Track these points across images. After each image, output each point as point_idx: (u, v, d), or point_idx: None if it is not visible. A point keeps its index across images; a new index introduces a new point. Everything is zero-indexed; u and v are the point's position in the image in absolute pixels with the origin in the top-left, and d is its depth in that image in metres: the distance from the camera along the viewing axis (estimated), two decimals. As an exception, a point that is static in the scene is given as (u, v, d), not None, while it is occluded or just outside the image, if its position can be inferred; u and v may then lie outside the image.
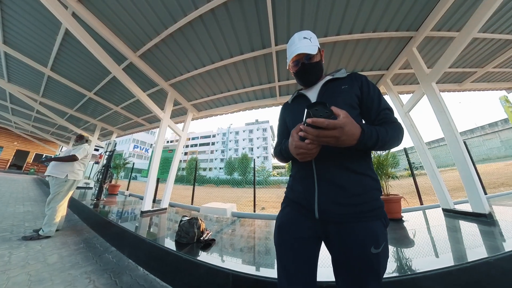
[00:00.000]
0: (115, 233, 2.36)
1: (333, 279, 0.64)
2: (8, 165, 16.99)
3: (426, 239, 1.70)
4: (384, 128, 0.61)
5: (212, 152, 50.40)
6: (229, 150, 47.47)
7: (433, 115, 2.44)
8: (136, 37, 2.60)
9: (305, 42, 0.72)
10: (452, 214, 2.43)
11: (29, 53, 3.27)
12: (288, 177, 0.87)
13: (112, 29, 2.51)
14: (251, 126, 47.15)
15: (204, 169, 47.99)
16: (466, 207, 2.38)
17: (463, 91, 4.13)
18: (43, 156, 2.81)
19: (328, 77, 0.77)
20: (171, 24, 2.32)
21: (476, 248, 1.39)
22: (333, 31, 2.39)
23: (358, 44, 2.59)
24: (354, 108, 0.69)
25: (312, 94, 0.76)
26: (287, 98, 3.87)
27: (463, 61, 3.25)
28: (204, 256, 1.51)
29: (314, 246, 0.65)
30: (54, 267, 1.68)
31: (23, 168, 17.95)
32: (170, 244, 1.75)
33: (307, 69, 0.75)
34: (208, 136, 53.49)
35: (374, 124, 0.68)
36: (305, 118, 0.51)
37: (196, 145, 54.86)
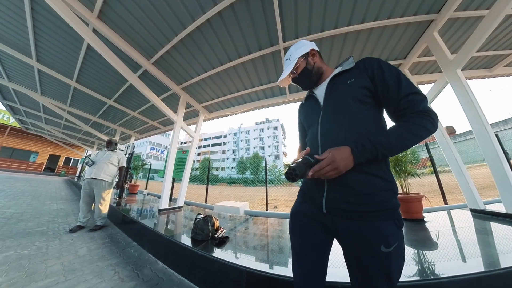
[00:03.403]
0: (136, 229, 2.52)
1: (347, 279, 0.63)
2: (43, 168, 18.91)
3: (451, 242, 1.57)
4: (396, 127, 0.58)
5: (224, 152, 51.31)
6: (241, 149, 47.94)
7: (458, 106, 2.24)
8: (149, 46, 2.74)
9: (286, 64, 0.81)
10: (481, 215, 2.22)
11: (58, 68, 3.62)
12: None
13: (128, 40, 2.68)
14: (262, 125, 47.11)
15: (217, 169, 49.03)
16: (499, 208, 2.16)
17: (494, 77, 3.73)
18: (86, 158, 3.13)
19: (337, 70, 0.75)
20: (180, 30, 2.41)
21: (511, 253, 1.26)
22: (344, 22, 2.28)
23: (372, 33, 2.44)
24: (364, 103, 0.65)
25: (320, 93, 0.76)
26: (297, 96, 3.84)
27: (494, 43, 2.92)
28: (218, 253, 1.55)
29: (322, 236, 0.66)
30: (84, 259, 1.85)
31: (55, 171, 19.85)
32: (186, 240, 1.82)
33: (297, 80, 0.82)
34: (220, 137, 54.53)
35: (395, 116, 0.63)
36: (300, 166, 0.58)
37: (208, 145, 56.23)
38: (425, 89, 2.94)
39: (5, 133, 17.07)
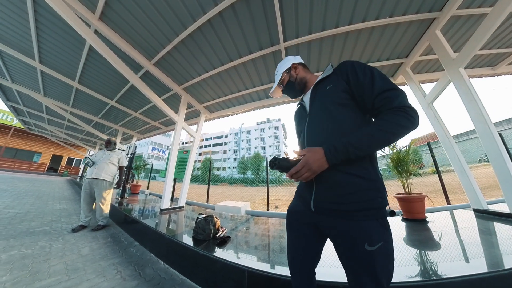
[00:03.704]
0: (138, 229, 2.53)
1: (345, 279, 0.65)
2: (46, 168, 19.08)
3: (454, 242, 1.55)
4: (370, 125, 0.59)
5: (225, 152, 51.37)
6: (242, 149, 47.96)
7: (461, 105, 2.22)
8: (151, 46, 2.75)
9: (275, 79, 0.93)
10: (485, 215, 2.20)
11: (60, 69, 3.65)
12: None
13: (129, 41, 2.69)
14: (263, 125, 47.09)
15: (218, 169, 49.12)
16: (502, 208, 2.14)
17: (497, 76, 3.69)
18: (86, 158, 3.15)
19: (319, 77, 0.80)
20: (181, 31, 2.41)
21: (515, 253, 1.24)
22: (345, 21, 2.28)
23: (373, 32, 2.43)
24: (345, 105, 0.68)
25: (307, 100, 0.82)
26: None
27: (497, 41, 2.88)
28: (220, 253, 1.55)
29: (313, 233, 0.71)
30: (86, 258, 1.87)
31: (58, 171, 20.02)
32: (187, 240, 1.83)
33: (285, 91, 0.94)
34: (221, 137, 54.60)
35: (374, 116, 0.64)
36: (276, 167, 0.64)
37: (209, 145, 56.34)
38: (427, 88, 2.93)
39: (8, 134, 17.25)
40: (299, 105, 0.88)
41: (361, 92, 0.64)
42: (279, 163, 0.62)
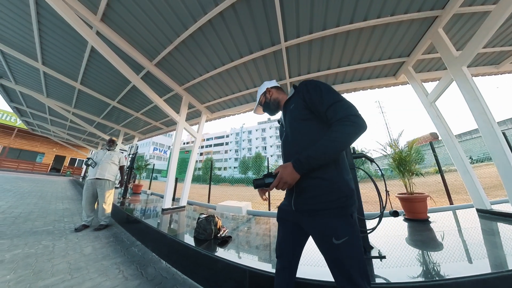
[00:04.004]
0: (140, 228, 2.55)
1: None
2: (49, 168, 19.26)
3: (457, 242, 1.54)
4: (324, 137, 0.68)
5: (226, 152, 51.43)
6: (243, 149, 47.97)
7: (464, 104, 2.20)
8: (152, 47, 2.76)
9: (257, 100, 1.12)
10: (488, 216, 2.17)
11: (63, 70, 3.68)
12: None
13: (131, 42, 2.70)
14: (264, 125, 47.04)
15: (219, 169, 49.18)
16: (506, 208, 2.12)
17: (501, 74, 3.64)
18: (89, 159, 3.15)
19: (287, 98, 0.97)
20: (182, 32, 2.42)
21: (519, 253, 1.22)
22: (346, 20, 2.27)
23: (375, 30, 2.42)
24: (307, 120, 0.79)
25: (282, 118, 0.99)
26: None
27: (500, 39, 2.85)
28: (221, 252, 1.56)
29: (297, 228, 0.83)
30: (89, 258, 1.88)
31: (61, 171, 20.20)
32: (189, 240, 1.84)
33: (264, 110, 1.12)
34: (222, 137, 54.67)
35: (329, 124, 0.74)
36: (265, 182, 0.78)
37: (210, 145, 56.44)
38: (429, 87, 2.91)
39: (12, 135, 17.45)
40: (280, 123, 1.03)
41: (315, 108, 0.76)
42: (257, 183, 0.78)
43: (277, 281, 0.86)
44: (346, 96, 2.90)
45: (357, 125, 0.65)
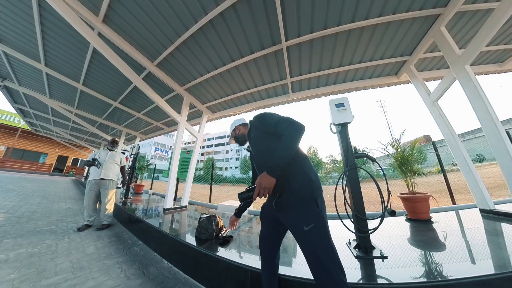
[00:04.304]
0: (142, 228, 2.56)
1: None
2: (52, 168, 19.44)
3: (460, 243, 1.52)
4: (280, 144, 0.89)
5: (227, 152, 51.50)
6: (244, 149, 47.95)
7: (467, 103, 2.17)
8: (153, 48, 2.78)
9: (230, 134, 1.40)
10: (492, 216, 2.14)
11: (65, 71, 3.71)
12: None
13: (132, 43, 2.72)
14: (264, 124, 46.95)
15: (220, 169, 49.25)
16: (510, 208, 2.09)
17: (505, 72, 3.59)
18: (95, 160, 3.18)
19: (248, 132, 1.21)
20: (183, 32, 2.43)
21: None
22: (347, 19, 2.25)
23: (376, 29, 2.40)
24: (267, 139, 1.01)
25: (250, 146, 1.20)
26: (300, 95, 3.82)
27: (504, 37, 2.81)
28: (223, 252, 1.56)
29: (276, 224, 1.03)
30: (91, 257, 1.89)
31: (64, 171, 20.38)
32: (190, 239, 1.84)
33: (236, 142, 1.37)
34: (223, 137, 54.72)
35: (282, 135, 0.95)
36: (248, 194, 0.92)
37: (212, 145, 56.54)
38: (431, 85, 2.89)
39: (16, 135, 17.63)
40: (248, 151, 1.28)
41: (269, 129, 1.00)
42: (242, 196, 0.91)
43: (263, 275, 1.08)
44: (347, 95, 2.88)
45: (292, 136, 0.88)
